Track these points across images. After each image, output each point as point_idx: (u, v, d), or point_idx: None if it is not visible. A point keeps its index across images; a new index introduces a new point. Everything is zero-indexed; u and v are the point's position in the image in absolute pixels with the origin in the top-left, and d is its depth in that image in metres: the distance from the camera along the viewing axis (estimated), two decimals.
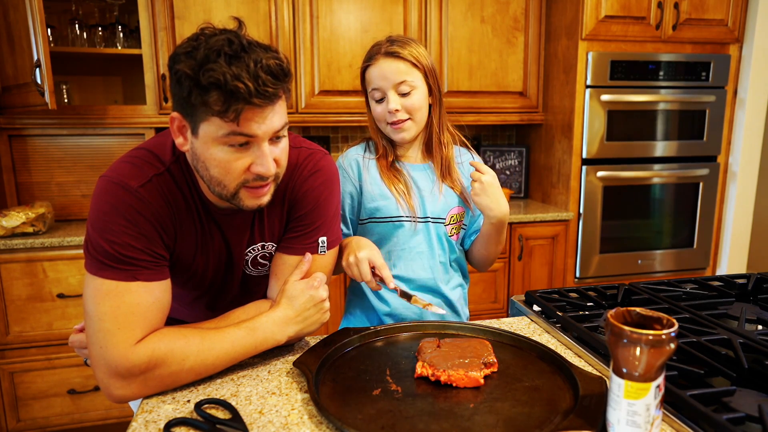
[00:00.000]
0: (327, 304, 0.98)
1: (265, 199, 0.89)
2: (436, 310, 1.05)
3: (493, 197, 1.19)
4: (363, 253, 1.06)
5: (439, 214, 1.26)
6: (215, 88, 0.75)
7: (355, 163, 1.27)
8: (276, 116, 0.82)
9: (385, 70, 1.17)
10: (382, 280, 1.06)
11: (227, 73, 0.74)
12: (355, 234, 1.29)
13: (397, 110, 1.18)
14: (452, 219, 1.28)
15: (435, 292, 1.28)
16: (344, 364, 0.92)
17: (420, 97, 1.20)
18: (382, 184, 1.24)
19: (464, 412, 0.77)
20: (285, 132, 0.87)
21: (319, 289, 0.96)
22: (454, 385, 0.84)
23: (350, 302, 1.36)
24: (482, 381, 0.84)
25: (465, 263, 1.37)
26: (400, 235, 1.24)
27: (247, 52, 0.77)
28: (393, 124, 1.20)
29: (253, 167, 0.83)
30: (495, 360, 0.88)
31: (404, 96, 1.18)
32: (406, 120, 1.20)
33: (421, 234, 1.25)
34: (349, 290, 1.37)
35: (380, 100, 1.20)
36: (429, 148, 1.29)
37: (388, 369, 0.90)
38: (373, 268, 1.06)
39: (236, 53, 0.76)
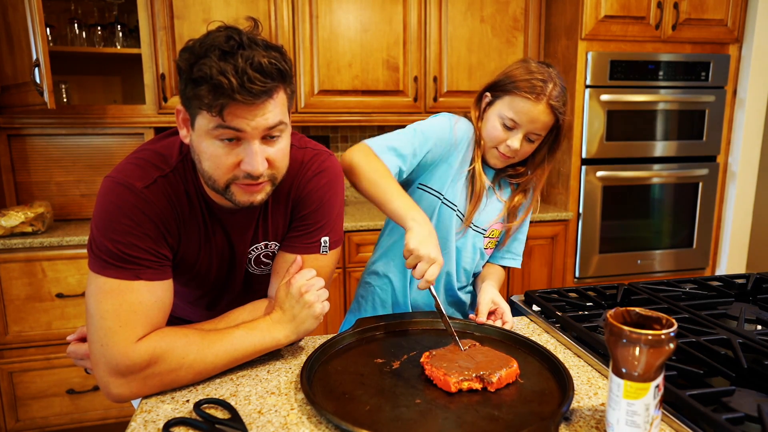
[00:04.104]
0: (308, 297, 0.93)
1: (259, 197, 0.87)
2: (462, 346, 0.96)
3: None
4: (442, 258, 1.01)
5: (482, 224, 1.25)
6: (204, 82, 0.76)
7: (466, 138, 1.20)
8: (268, 114, 0.81)
9: (538, 118, 1.12)
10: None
11: (214, 68, 0.75)
12: (400, 180, 1.18)
13: (516, 151, 1.15)
14: (492, 233, 1.27)
15: (449, 294, 1.28)
16: (391, 334, 1.05)
17: (534, 146, 1.19)
18: (462, 173, 1.21)
19: (407, 403, 0.79)
20: (281, 132, 0.85)
21: (296, 284, 0.92)
22: (434, 381, 0.84)
23: (363, 298, 1.32)
24: (454, 389, 0.81)
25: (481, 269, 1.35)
26: (442, 222, 1.21)
27: (244, 49, 0.77)
28: (501, 153, 1.17)
29: (242, 165, 0.83)
30: (494, 380, 0.82)
31: (528, 142, 1.16)
32: (512, 158, 1.19)
33: (459, 234, 1.23)
34: (361, 287, 1.34)
35: (508, 128, 1.15)
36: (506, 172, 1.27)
37: (415, 351, 0.96)
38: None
39: (231, 49, 0.76)
